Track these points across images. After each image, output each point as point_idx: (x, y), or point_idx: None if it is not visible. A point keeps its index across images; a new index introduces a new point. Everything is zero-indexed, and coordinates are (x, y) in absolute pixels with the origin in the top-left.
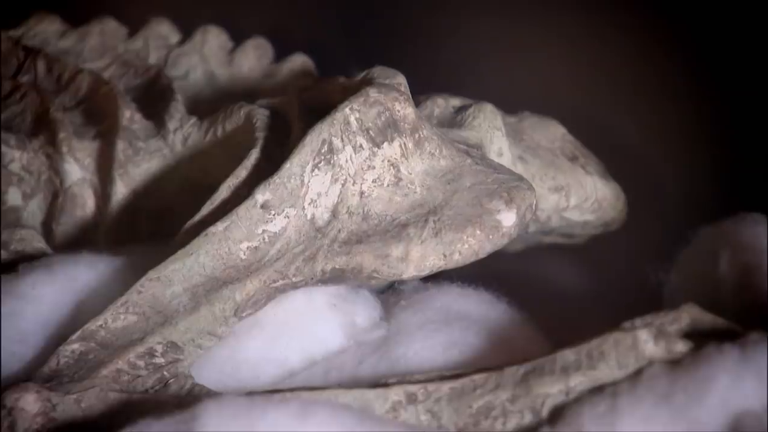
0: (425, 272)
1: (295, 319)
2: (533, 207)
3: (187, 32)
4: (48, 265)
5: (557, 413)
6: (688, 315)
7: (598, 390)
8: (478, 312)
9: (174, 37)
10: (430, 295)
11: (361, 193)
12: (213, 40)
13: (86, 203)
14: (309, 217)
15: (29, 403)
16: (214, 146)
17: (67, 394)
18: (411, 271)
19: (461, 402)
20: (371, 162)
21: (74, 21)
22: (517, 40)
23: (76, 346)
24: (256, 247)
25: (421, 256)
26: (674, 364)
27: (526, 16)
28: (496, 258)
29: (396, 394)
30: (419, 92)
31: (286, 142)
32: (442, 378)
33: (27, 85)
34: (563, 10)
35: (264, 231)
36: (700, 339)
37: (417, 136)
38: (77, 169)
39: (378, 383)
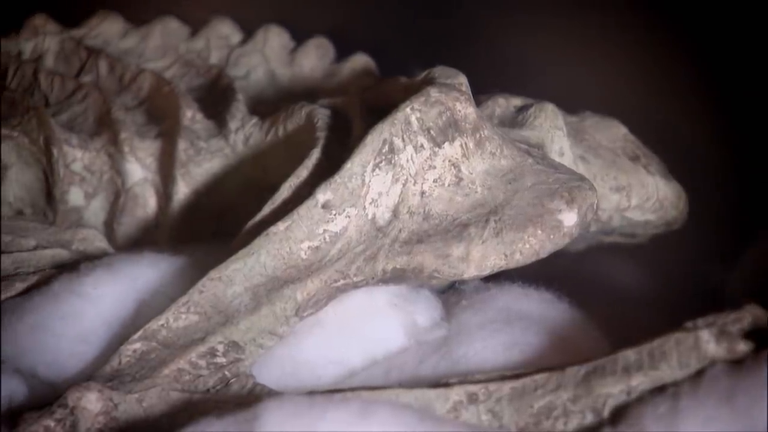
0: (486, 272)
1: (356, 319)
2: (594, 207)
3: (248, 32)
4: (109, 264)
5: (619, 413)
6: (751, 315)
7: (659, 390)
8: (539, 312)
9: (235, 36)
10: (491, 295)
11: (422, 193)
12: (274, 39)
13: (148, 203)
14: (370, 216)
15: (91, 402)
16: (275, 146)
17: (129, 393)
18: (472, 270)
19: (522, 402)
20: (432, 162)
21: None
22: (578, 39)
23: (137, 345)
24: (317, 247)
25: (482, 255)
26: (736, 364)
27: (586, 16)
28: (557, 258)
29: (457, 393)
30: (480, 92)
31: (347, 141)
32: (503, 378)
33: (89, 85)
34: (623, 10)
35: (325, 230)
36: (763, 339)
37: (478, 135)
38: (139, 168)
39: (439, 383)
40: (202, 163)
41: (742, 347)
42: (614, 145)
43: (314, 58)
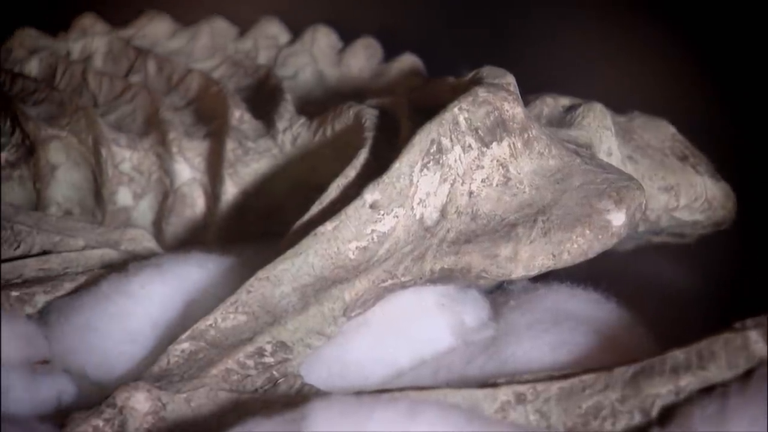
0: (534, 272)
1: (404, 319)
2: (643, 207)
3: (296, 32)
4: (158, 264)
5: (667, 413)
6: None
7: (708, 390)
8: (586, 312)
9: (283, 36)
10: (539, 295)
11: (470, 193)
12: (322, 39)
13: (196, 203)
14: (418, 216)
15: (140, 402)
16: (323, 146)
17: (177, 393)
18: (520, 270)
19: (570, 402)
20: (480, 161)
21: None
22: (627, 39)
23: (186, 345)
24: (365, 247)
25: (530, 255)
26: None
27: (635, 17)
28: (605, 258)
29: (505, 394)
30: (528, 92)
31: (395, 141)
32: (551, 378)
33: (137, 85)
34: (670, 12)
35: (373, 231)
36: None
37: (526, 135)
38: (187, 168)
39: (487, 383)
40: (250, 163)
41: None
42: (663, 145)
43: (362, 59)
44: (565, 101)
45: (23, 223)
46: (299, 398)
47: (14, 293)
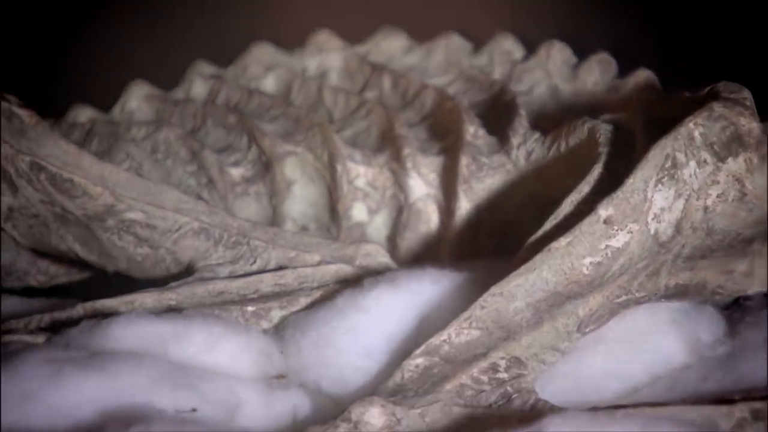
0: None
1: (638, 335)
2: None
3: (531, 47)
4: (392, 279)
5: None
6: None
7: None
8: None
9: (518, 52)
10: None
11: (705, 208)
12: (557, 55)
13: (430, 218)
14: (652, 232)
15: (374, 416)
16: (556, 161)
17: (412, 408)
18: (756, 286)
19: None
20: (715, 177)
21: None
22: None
23: (420, 360)
24: (599, 263)
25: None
26: None
27: None
28: None
29: (741, 410)
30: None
31: (630, 157)
32: None
33: (372, 101)
34: None
35: (607, 246)
36: None
37: (763, 150)
38: (422, 184)
39: (723, 399)
40: (484, 178)
41: None
42: None
43: (596, 74)
44: None
45: (259, 238)
46: (534, 414)
47: (251, 308)
